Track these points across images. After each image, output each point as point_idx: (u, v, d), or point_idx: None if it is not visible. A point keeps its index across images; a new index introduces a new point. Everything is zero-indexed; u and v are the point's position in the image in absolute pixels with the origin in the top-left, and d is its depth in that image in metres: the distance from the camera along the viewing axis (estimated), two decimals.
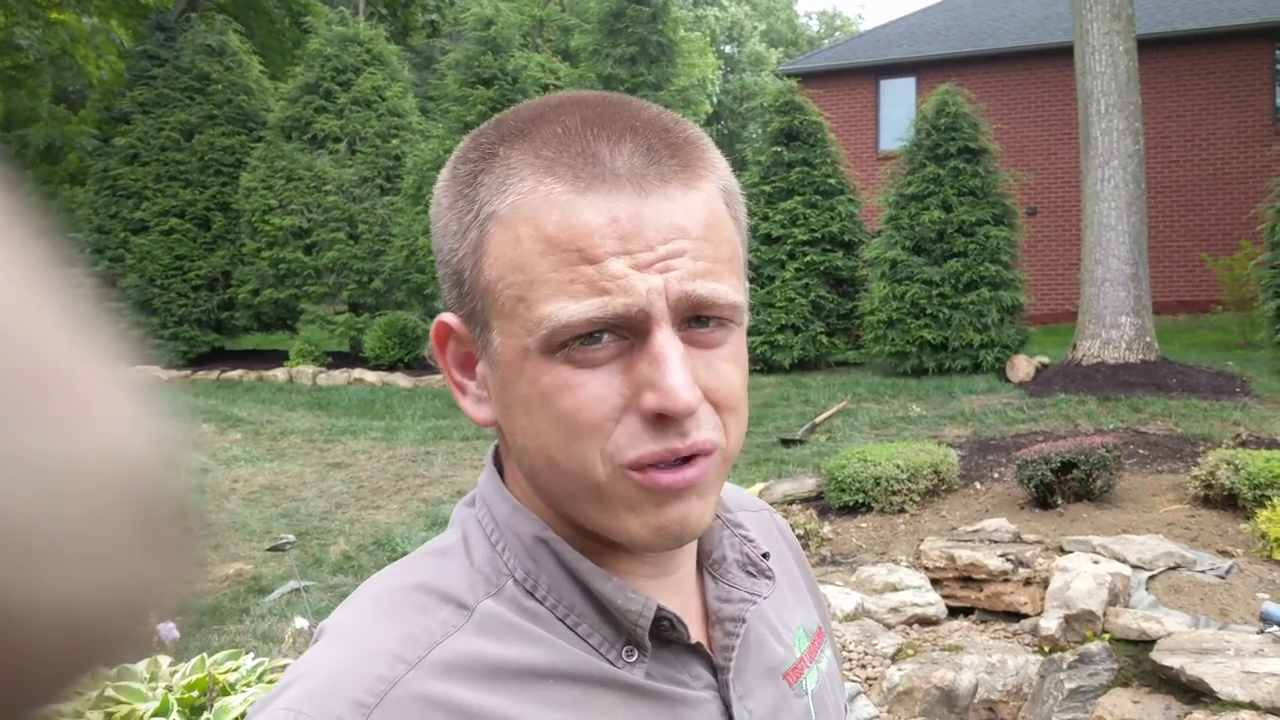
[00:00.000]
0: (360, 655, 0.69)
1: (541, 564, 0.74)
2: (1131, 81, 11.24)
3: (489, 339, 0.72)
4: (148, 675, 3.26)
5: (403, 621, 0.71)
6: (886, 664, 4.70)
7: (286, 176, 15.43)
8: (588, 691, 0.72)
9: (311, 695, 0.67)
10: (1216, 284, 16.14)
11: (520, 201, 0.68)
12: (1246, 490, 6.15)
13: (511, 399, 0.71)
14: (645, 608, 0.73)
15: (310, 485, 8.89)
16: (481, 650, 0.70)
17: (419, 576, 0.74)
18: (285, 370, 14.64)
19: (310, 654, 0.73)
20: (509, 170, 0.69)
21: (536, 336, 0.68)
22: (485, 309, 0.71)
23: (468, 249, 0.71)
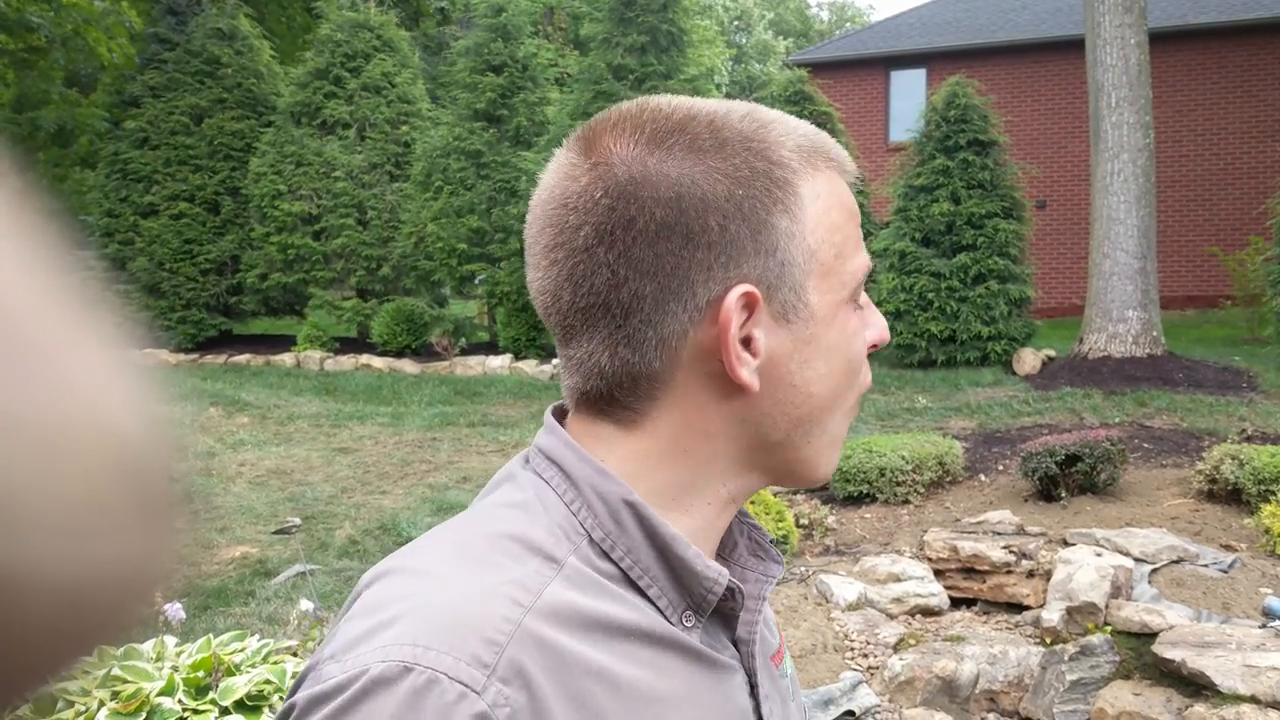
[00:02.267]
0: (476, 594, 0.70)
1: (624, 526, 0.77)
2: (1143, 75, 11.20)
3: (803, 300, 0.78)
4: (154, 655, 3.29)
5: (501, 567, 0.72)
6: (888, 653, 4.72)
7: (296, 162, 15.45)
8: (659, 651, 0.75)
9: (436, 631, 0.67)
10: (1225, 279, 16.09)
11: (823, 177, 0.80)
12: (1251, 485, 6.15)
13: (816, 351, 0.79)
14: (721, 576, 0.78)
15: (316, 470, 8.92)
16: (576, 601, 0.72)
17: (504, 526, 0.76)
18: (293, 355, 14.67)
19: (394, 591, 0.72)
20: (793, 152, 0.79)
21: (850, 287, 0.81)
22: (803, 270, 0.78)
23: (784, 217, 0.77)
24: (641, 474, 0.79)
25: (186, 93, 16.49)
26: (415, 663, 0.65)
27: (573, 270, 0.76)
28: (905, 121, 16.34)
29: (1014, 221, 12.26)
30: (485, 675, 0.66)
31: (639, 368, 0.77)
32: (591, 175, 0.76)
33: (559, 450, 0.80)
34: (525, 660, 0.67)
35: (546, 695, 0.67)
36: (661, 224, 0.74)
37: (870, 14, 52.98)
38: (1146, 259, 11.14)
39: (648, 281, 0.75)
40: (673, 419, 0.79)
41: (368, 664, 0.66)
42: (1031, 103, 19.64)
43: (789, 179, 0.77)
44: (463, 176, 14.18)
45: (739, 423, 0.79)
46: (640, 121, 0.77)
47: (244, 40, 16.97)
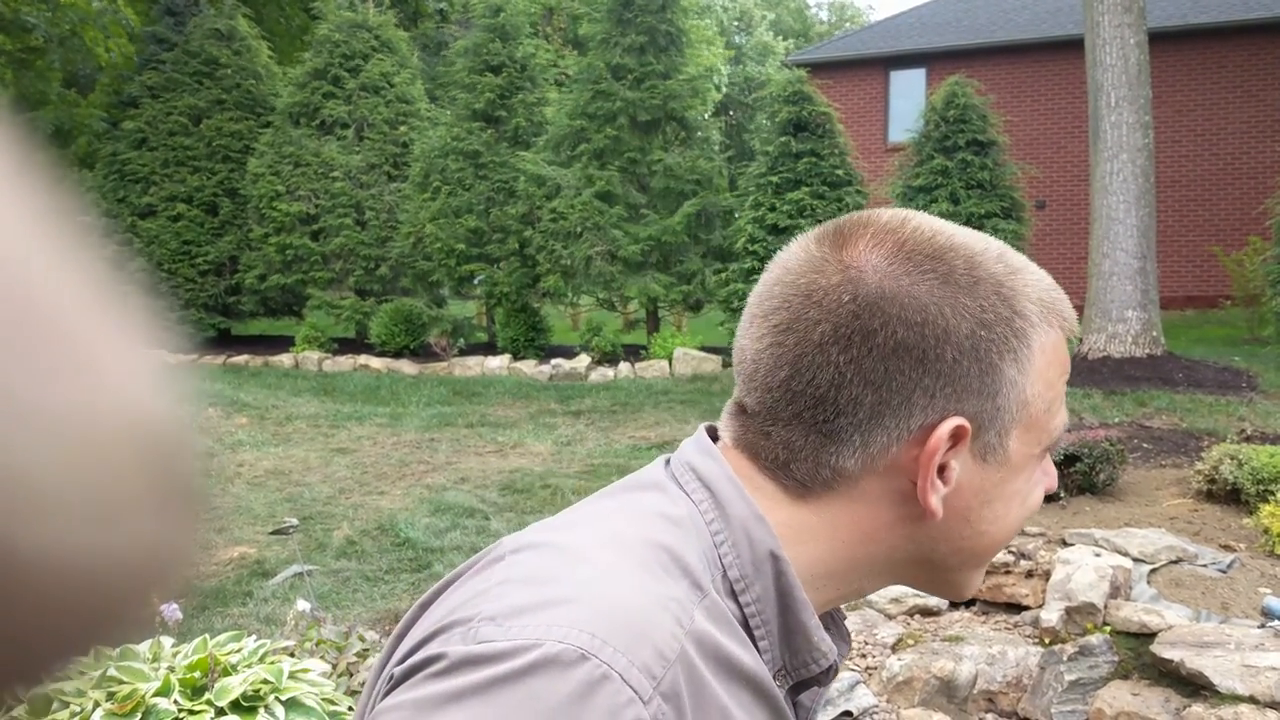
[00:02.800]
0: (647, 601, 0.70)
1: (761, 574, 0.78)
2: (1142, 75, 11.19)
3: (1004, 444, 0.81)
4: (150, 656, 3.28)
5: (662, 580, 0.73)
6: (886, 653, 4.71)
7: (294, 162, 15.44)
8: (758, 701, 0.75)
9: (614, 628, 0.67)
10: (1225, 279, 16.09)
11: (1051, 334, 0.82)
12: (1250, 485, 6.14)
13: (1003, 493, 0.83)
14: (831, 652, 0.81)
15: (315, 470, 8.92)
16: (713, 635, 0.72)
17: (661, 537, 0.76)
18: (291, 355, 14.66)
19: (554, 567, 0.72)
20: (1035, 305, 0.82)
21: (1044, 444, 0.84)
22: (1014, 419, 0.81)
23: (1015, 367, 0.80)
24: (790, 541, 0.80)
25: (185, 93, 16.49)
26: (594, 654, 0.64)
27: (799, 358, 0.79)
28: (904, 121, 16.33)
29: (1013, 222, 12.26)
30: (652, 687, 0.65)
31: (832, 461, 0.79)
32: (842, 276, 0.79)
33: (719, 480, 0.81)
34: (681, 682, 0.67)
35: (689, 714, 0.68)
36: (900, 343, 0.77)
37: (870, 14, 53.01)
38: (1146, 259, 11.13)
39: (870, 391, 0.77)
40: (843, 513, 0.81)
41: (539, 638, 0.65)
42: (1031, 103, 19.64)
43: (1026, 330, 0.80)
44: (461, 177, 14.18)
45: (906, 539, 0.82)
46: (901, 238, 0.80)
47: (242, 41, 16.97)
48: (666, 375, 12.62)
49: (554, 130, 14.05)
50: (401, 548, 6.75)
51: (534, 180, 13.72)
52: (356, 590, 6.06)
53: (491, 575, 0.73)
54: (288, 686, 3.08)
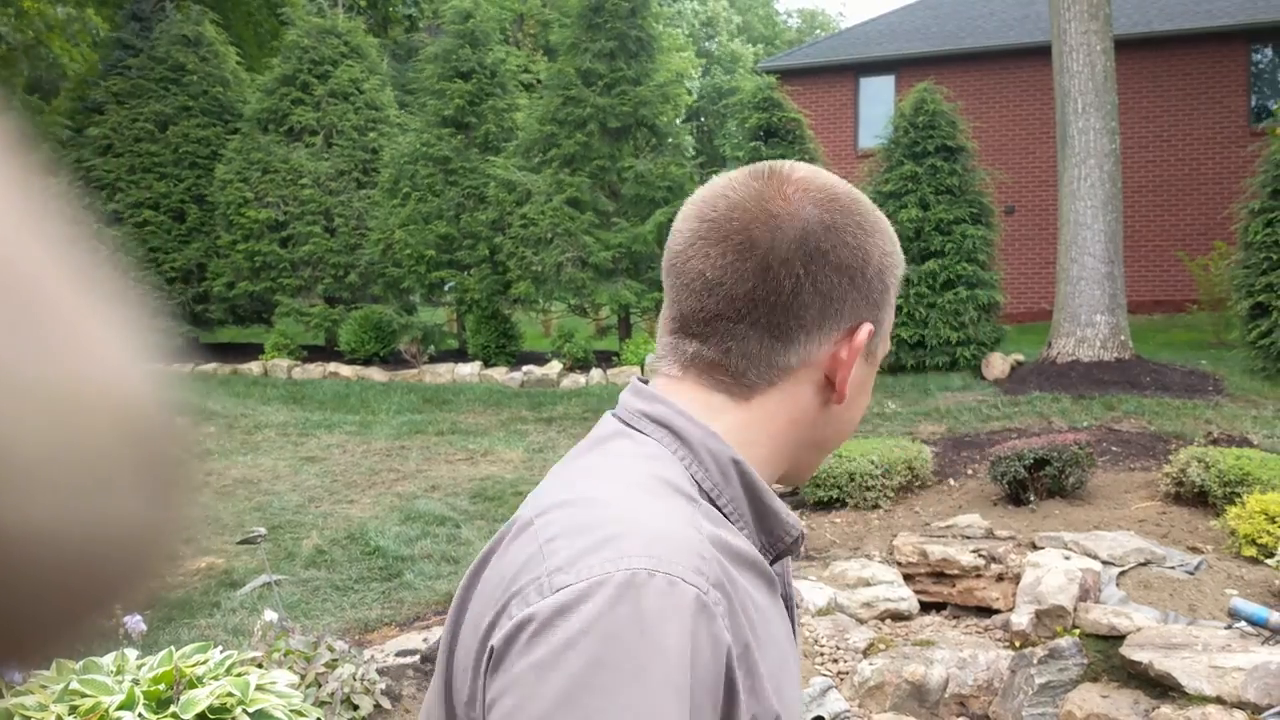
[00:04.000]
0: (674, 520, 0.86)
1: (728, 478, 0.95)
2: (1108, 81, 11.29)
3: (876, 349, 1.02)
4: (114, 668, 3.23)
5: (673, 503, 0.89)
6: (858, 658, 4.71)
7: (262, 169, 15.34)
8: (757, 575, 0.92)
9: (661, 547, 0.82)
10: (1191, 284, 16.24)
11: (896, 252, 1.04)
12: (1217, 488, 6.19)
13: (864, 389, 1.03)
14: (798, 524, 0.99)
15: (284, 479, 8.84)
16: (721, 534, 0.90)
17: (654, 469, 0.93)
18: (260, 363, 14.55)
19: (590, 516, 0.86)
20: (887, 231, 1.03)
21: (883, 355, 1.04)
22: (884, 332, 1.03)
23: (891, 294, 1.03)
24: (742, 443, 0.97)
25: (151, 99, 16.35)
26: (658, 569, 0.80)
27: (764, 270, 0.95)
28: (874, 127, 16.41)
29: (982, 227, 12.33)
30: (707, 581, 0.82)
31: (780, 360, 0.97)
32: (795, 207, 0.97)
33: (670, 417, 0.97)
34: (720, 573, 0.84)
35: (734, 604, 0.84)
36: (843, 262, 0.97)
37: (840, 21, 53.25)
38: (1114, 264, 11.22)
39: (819, 299, 0.96)
40: (778, 405, 0.98)
41: (610, 571, 0.79)
42: (999, 109, 19.78)
43: (899, 264, 1.04)
44: (431, 183, 14.12)
45: (817, 422, 1.01)
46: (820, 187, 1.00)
47: (209, 47, 16.84)
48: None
49: (524, 136, 14.01)
50: (371, 556, 6.70)
51: (504, 186, 13.68)
52: (326, 600, 6.01)
53: (532, 540, 0.86)
54: (255, 698, 3.04)
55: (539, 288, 13.65)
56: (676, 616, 0.78)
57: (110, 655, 3.21)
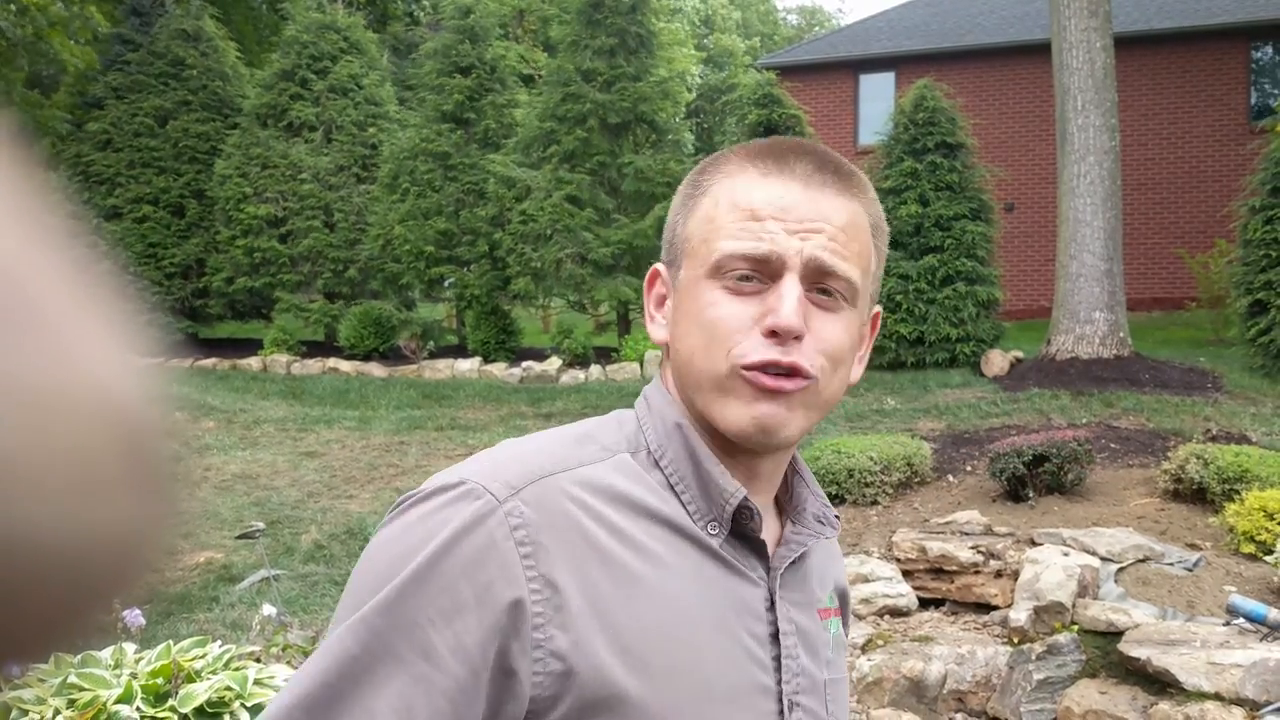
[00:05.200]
0: (528, 453, 0.95)
1: (672, 441, 0.98)
2: (1108, 78, 11.28)
3: (677, 276, 1.00)
4: (112, 662, 3.23)
5: (559, 448, 0.96)
6: (857, 654, 4.71)
7: (262, 164, 15.32)
8: (676, 537, 0.94)
9: (489, 467, 0.92)
10: (1190, 281, 16.24)
11: (725, 180, 0.99)
12: (1215, 484, 6.19)
13: (678, 316, 0.99)
14: (738, 491, 0.96)
15: (283, 474, 8.84)
16: (612, 481, 0.94)
17: (575, 429, 1.01)
18: (259, 359, 14.54)
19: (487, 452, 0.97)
20: (724, 163, 1.01)
21: (707, 264, 0.96)
22: (680, 253, 1.00)
23: (684, 213, 1.02)
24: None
25: (150, 94, 16.33)
26: (466, 479, 0.90)
27: None
28: (874, 124, 16.40)
29: (982, 224, 12.33)
30: (509, 492, 0.89)
31: None
32: None
33: (649, 389, 1.04)
34: (546, 495, 0.90)
35: (558, 525, 0.89)
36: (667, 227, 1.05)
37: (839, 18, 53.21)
38: (1113, 261, 11.22)
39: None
40: None
41: (443, 478, 0.92)
42: (999, 106, 19.77)
43: (708, 184, 1.01)
44: (430, 179, 14.11)
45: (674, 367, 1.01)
46: None
47: (209, 42, 16.82)
48: (637, 378, 12.61)
49: (524, 132, 14.00)
50: None
51: (504, 182, 13.66)
52: (324, 595, 6.01)
53: None
54: (253, 693, 3.04)
55: (538, 284, 13.64)
56: (456, 514, 0.88)
57: (108, 649, 3.22)
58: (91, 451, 0.36)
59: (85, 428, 0.36)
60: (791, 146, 1.00)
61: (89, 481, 0.36)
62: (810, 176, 0.97)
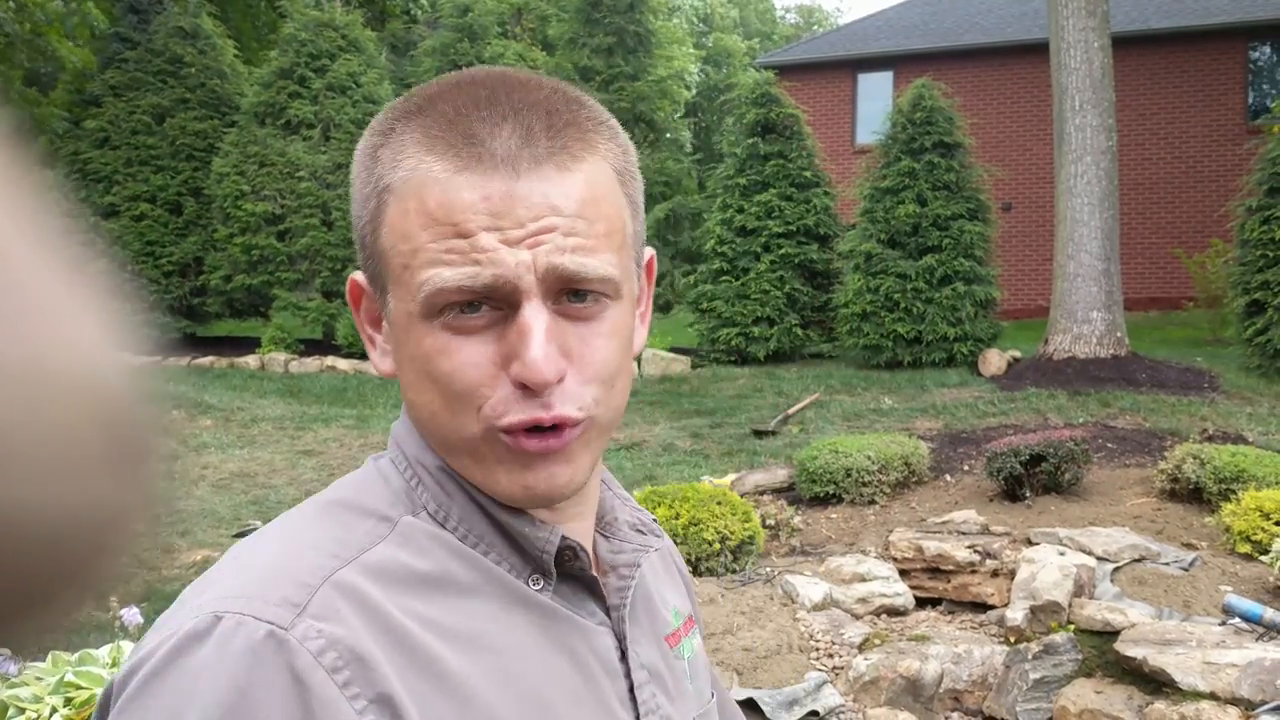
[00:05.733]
0: (294, 549, 0.73)
1: (451, 495, 0.78)
2: (1106, 78, 11.30)
3: (386, 301, 0.78)
4: (109, 660, 3.23)
5: (328, 529, 0.75)
6: (853, 653, 4.72)
7: (259, 162, 15.32)
8: (502, 608, 0.76)
9: (249, 584, 0.69)
10: (1188, 281, 16.26)
11: (409, 177, 0.74)
12: (1212, 484, 6.20)
13: (401, 358, 0.78)
14: (552, 534, 0.78)
15: (281, 473, 8.84)
16: (407, 560, 0.74)
17: (336, 495, 0.79)
18: (257, 357, 14.54)
19: (221, 564, 0.74)
20: (401, 146, 0.75)
21: (417, 301, 0.74)
22: (382, 273, 0.77)
23: (368, 216, 0.77)
24: None
25: (148, 92, 16.32)
26: (225, 611, 0.67)
27: None
28: (872, 124, 16.42)
29: (979, 223, 12.34)
30: (294, 614, 0.67)
31: None
32: None
33: (398, 428, 0.84)
34: (337, 599, 0.69)
35: (367, 633, 0.68)
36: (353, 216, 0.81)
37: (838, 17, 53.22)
38: (1110, 261, 11.23)
39: None
40: None
41: (179, 625, 0.67)
42: (997, 105, 19.79)
43: (387, 178, 0.76)
44: None
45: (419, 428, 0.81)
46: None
47: (207, 39, 16.82)
48: (635, 376, 12.62)
49: None
50: None
51: None
52: None
53: None
54: None
55: None
56: (235, 662, 0.65)
57: (106, 648, 3.21)
58: (71, 432, 0.36)
59: (67, 409, 0.36)
60: (480, 103, 0.74)
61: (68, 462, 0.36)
62: (518, 155, 0.73)
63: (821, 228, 13.40)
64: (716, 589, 5.10)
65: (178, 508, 7.79)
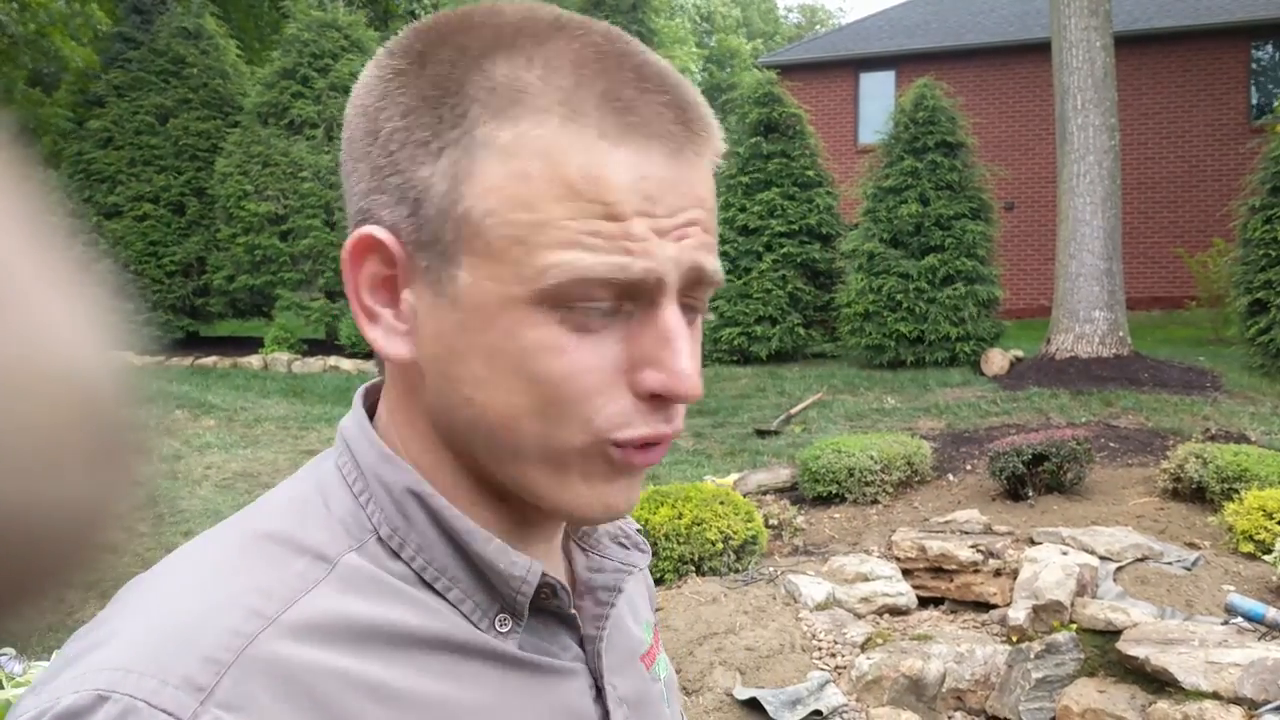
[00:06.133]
0: (205, 606, 0.59)
1: (412, 520, 0.66)
2: (1108, 78, 11.30)
3: (450, 274, 0.62)
4: None
5: (251, 573, 0.61)
6: (856, 653, 4.73)
7: (263, 162, 15.33)
8: (460, 660, 0.65)
9: (146, 652, 0.57)
10: (1190, 280, 16.26)
11: (535, 134, 0.60)
12: (1214, 484, 6.21)
13: (470, 346, 0.62)
14: (530, 573, 0.67)
15: (284, 472, 8.85)
16: (346, 609, 0.61)
17: (267, 524, 0.65)
18: (260, 357, 14.56)
19: (117, 607, 0.62)
20: (518, 94, 0.60)
21: (535, 286, 0.60)
22: (455, 241, 0.62)
23: (442, 170, 0.61)
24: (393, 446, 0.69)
25: (151, 92, 16.34)
26: (112, 690, 0.54)
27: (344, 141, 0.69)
28: (874, 123, 16.42)
29: (982, 223, 12.34)
30: (197, 701, 0.55)
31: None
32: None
33: (349, 430, 0.70)
34: (255, 682, 0.57)
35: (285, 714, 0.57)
36: (363, 128, 0.65)
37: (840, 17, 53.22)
38: (1112, 260, 11.23)
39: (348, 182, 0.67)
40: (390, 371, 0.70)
41: (59, 695, 0.55)
42: (999, 105, 19.78)
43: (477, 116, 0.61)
44: None
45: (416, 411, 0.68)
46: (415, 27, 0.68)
47: (210, 39, 16.84)
48: None
49: None
50: None
51: None
52: None
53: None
54: None
55: None
56: None
57: None
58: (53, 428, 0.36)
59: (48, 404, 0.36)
60: (618, 62, 0.62)
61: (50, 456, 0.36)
62: (673, 131, 0.62)
63: (824, 227, 13.40)
64: (719, 589, 5.11)
65: (170, 500, 7.80)
